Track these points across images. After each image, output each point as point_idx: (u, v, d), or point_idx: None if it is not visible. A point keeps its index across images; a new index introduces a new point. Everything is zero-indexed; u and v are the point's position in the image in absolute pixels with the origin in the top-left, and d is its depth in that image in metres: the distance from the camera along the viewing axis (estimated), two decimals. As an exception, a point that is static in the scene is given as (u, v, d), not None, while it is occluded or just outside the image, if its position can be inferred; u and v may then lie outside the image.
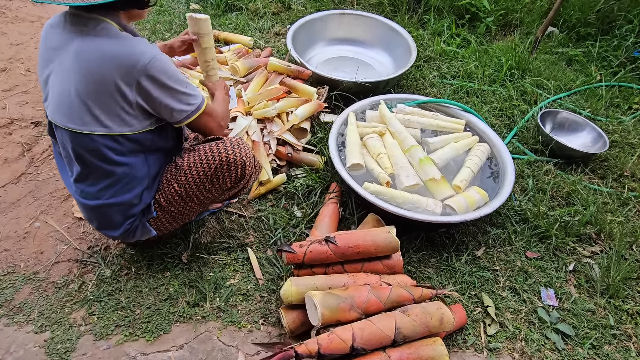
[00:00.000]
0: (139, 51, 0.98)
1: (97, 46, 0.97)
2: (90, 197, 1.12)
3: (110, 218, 1.15)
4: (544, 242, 1.58)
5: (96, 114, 1.00)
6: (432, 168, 1.52)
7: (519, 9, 2.84)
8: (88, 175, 1.09)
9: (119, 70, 0.97)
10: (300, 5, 2.90)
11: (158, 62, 0.99)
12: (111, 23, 1.02)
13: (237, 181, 1.27)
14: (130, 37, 1.01)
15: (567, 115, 2.03)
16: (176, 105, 1.06)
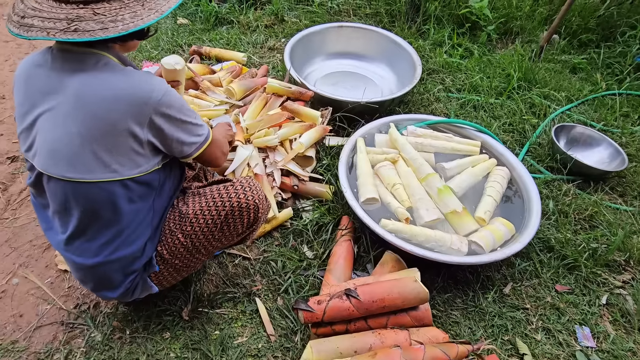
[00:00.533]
0: (149, 87, 0.89)
1: (103, 85, 0.87)
2: (87, 254, 0.97)
3: (109, 277, 1.00)
4: (573, 273, 1.48)
5: (104, 159, 0.88)
6: (452, 199, 1.40)
7: (519, 17, 2.76)
8: (87, 229, 0.95)
9: (130, 109, 0.87)
10: (294, 17, 2.77)
11: (169, 96, 0.92)
12: (111, 58, 0.91)
13: (250, 226, 1.15)
14: (136, 72, 0.92)
15: (582, 130, 1.94)
16: (187, 138, 0.98)
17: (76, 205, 0.91)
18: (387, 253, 1.35)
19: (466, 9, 2.66)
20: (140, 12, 0.85)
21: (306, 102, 1.88)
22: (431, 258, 1.21)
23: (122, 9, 0.85)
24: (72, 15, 0.81)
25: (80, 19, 0.81)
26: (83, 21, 0.81)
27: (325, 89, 2.15)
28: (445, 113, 2.13)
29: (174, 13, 2.84)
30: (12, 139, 1.87)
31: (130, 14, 0.84)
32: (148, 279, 1.08)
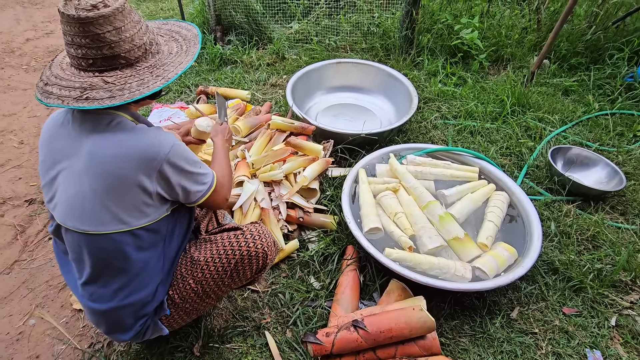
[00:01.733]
0: (157, 142, 0.94)
1: (114, 144, 0.92)
2: (102, 299, 1.01)
3: (121, 320, 1.03)
4: (579, 295, 1.48)
5: (115, 212, 0.92)
6: (454, 225, 1.44)
7: (509, 44, 2.89)
8: (100, 276, 0.99)
9: (140, 165, 0.92)
10: (294, 55, 2.93)
11: (177, 149, 0.96)
12: (125, 116, 0.97)
13: (259, 272, 1.18)
14: (146, 129, 0.96)
15: (579, 151, 1.99)
16: (192, 187, 1.02)
17: (89, 254, 0.96)
18: (392, 281, 1.38)
19: (458, 40, 2.79)
20: (147, 79, 0.92)
21: (309, 136, 1.97)
22: (435, 286, 1.23)
23: (132, 76, 0.91)
24: (86, 84, 0.88)
25: (92, 88, 0.88)
26: (94, 90, 0.88)
27: (327, 122, 2.25)
28: (443, 140, 2.20)
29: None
30: (29, 182, 1.96)
31: (137, 81, 0.91)
32: (159, 322, 1.10)
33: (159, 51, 0.99)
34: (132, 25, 0.91)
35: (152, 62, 0.96)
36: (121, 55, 0.90)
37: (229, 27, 3.10)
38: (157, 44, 1.00)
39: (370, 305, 1.39)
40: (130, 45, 0.91)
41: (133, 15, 0.92)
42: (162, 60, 0.97)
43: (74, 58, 0.90)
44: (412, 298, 1.28)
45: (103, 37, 0.87)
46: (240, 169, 1.70)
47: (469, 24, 2.81)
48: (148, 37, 0.96)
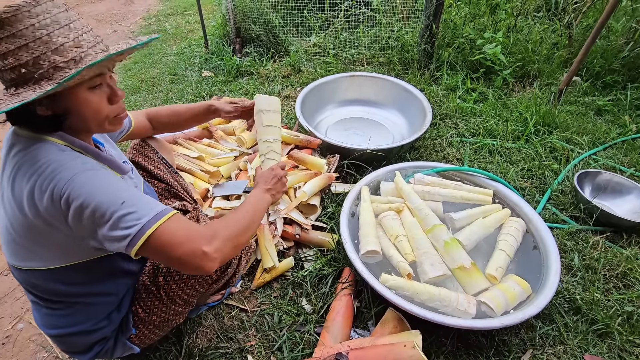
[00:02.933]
0: (58, 175, 0.75)
1: (24, 173, 0.77)
2: (48, 326, 0.96)
3: (74, 344, 0.98)
4: (605, 340, 1.30)
5: (33, 249, 0.82)
6: (460, 253, 1.32)
7: (536, 60, 2.73)
8: (40, 306, 0.94)
9: (40, 197, 0.75)
10: (310, 68, 2.91)
11: (77, 183, 0.75)
12: (54, 141, 0.81)
13: (224, 270, 1.12)
14: (58, 158, 0.77)
15: (610, 177, 1.80)
16: (108, 232, 0.75)
17: (23, 284, 0.91)
18: (389, 311, 1.27)
19: (480, 54, 2.67)
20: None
21: (314, 150, 1.91)
22: (432, 320, 1.11)
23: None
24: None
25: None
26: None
27: (337, 136, 2.19)
28: (458, 158, 2.07)
29: (199, 66, 3.08)
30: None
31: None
32: (127, 342, 1.04)
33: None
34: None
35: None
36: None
37: (247, 39, 3.14)
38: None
39: (364, 334, 1.28)
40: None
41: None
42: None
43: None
44: (408, 332, 1.16)
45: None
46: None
47: (493, 38, 2.68)
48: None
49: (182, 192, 1.37)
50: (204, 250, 0.78)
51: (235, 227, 0.89)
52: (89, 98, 0.81)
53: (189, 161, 1.79)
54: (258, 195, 1.08)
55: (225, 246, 0.83)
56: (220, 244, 0.81)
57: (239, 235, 0.89)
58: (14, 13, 0.72)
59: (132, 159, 1.32)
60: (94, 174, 0.77)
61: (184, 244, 0.77)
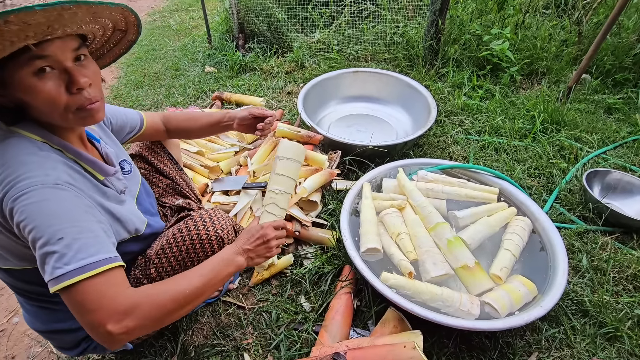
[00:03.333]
0: (15, 183, 0.68)
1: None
2: (31, 322, 0.95)
3: (61, 340, 0.97)
4: (614, 344, 1.25)
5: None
6: (463, 252, 1.28)
7: (544, 57, 2.67)
8: (25, 302, 0.92)
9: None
10: (313, 64, 2.87)
11: (27, 198, 0.67)
12: (29, 136, 0.75)
13: None
14: (25, 161, 0.70)
15: (620, 176, 1.75)
16: (37, 259, 0.69)
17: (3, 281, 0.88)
18: (389, 310, 1.23)
19: (487, 51, 2.62)
20: None
21: (316, 146, 1.88)
22: (434, 320, 1.07)
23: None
24: None
25: None
26: None
27: (338, 133, 2.15)
28: (463, 156, 2.03)
29: (202, 62, 3.06)
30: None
31: None
32: None
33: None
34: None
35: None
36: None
37: (251, 35, 3.11)
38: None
39: (364, 334, 1.25)
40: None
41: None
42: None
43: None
44: (409, 332, 1.13)
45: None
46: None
47: (500, 34, 2.63)
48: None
49: (186, 190, 1.34)
50: (107, 329, 0.67)
51: (170, 299, 0.74)
52: (35, 85, 0.69)
53: (189, 156, 1.77)
54: (227, 257, 0.90)
55: (142, 325, 0.70)
56: (133, 324, 0.69)
57: (172, 310, 0.75)
58: None
59: (139, 152, 1.29)
60: (51, 193, 0.68)
61: (89, 312, 0.67)
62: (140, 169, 1.29)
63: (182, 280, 0.79)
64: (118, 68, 3.19)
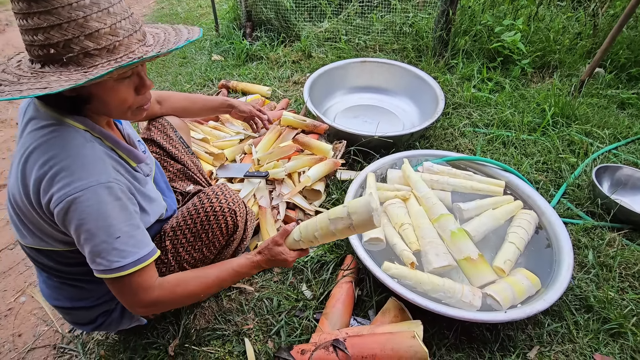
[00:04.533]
0: (70, 179, 0.73)
1: (37, 157, 0.75)
2: (53, 298, 0.98)
3: (78, 317, 1.00)
4: (617, 341, 1.24)
5: (33, 231, 0.83)
6: (467, 244, 1.27)
7: (557, 50, 2.61)
8: (47, 278, 0.96)
9: (46, 189, 0.74)
10: (321, 54, 2.84)
11: (84, 199, 0.73)
12: (76, 125, 0.78)
13: (230, 234, 1.10)
14: (79, 153, 0.75)
15: (631, 172, 1.71)
16: (89, 253, 0.77)
17: (29, 256, 0.92)
18: (390, 300, 1.23)
19: (498, 42, 2.57)
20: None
21: (321, 135, 1.87)
22: (434, 310, 1.07)
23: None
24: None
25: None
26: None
27: (344, 123, 2.13)
28: (470, 149, 2.00)
29: (209, 50, 3.05)
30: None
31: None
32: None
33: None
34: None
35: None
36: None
37: (258, 23, 3.09)
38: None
39: (364, 323, 1.25)
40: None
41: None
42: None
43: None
44: (409, 322, 1.13)
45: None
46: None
47: (512, 26, 2.57)
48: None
49: (197, 175, 1.36)
50: (137, 311, 0.86)
51: (187, 297, 0.90)
52: (116, 87, 0.77)
53: (194, 143, 1.77)
54: (245, 270, 0.98)
55: (163, 310, 0.95)
56: (156, 310, 0.90)
57: (188, 302, 0.96)
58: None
59: (151, 136, 1.30)
60: (105, 194, 0.75)
61: (127, 296, 0.83)
62: (152, 152, 1.30)
63: (198, 284, 0.91)
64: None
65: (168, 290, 0.86)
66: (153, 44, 0.78)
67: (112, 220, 0.75)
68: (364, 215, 0.87)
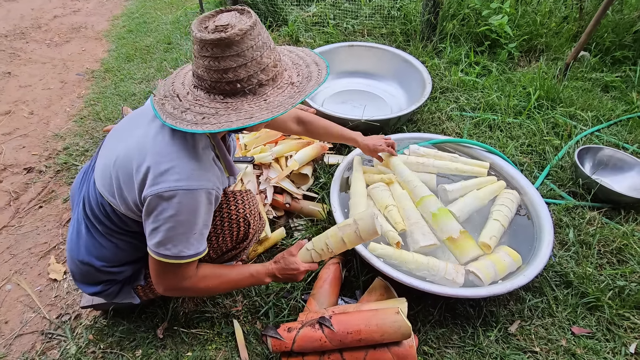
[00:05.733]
0: (177, 177, 0.83)
1: (154, 147, 0.86)
2: (78, 252, 1.02)
3: (87, 275, 1.03)
4: (594, 314, 1.29)
5: (119, 192, 0.92)
6: (449, 223, 1.29)
7: (544, 34, 2.62)
8: (86, 230, 1.01)
9: (154, 178, 0.84)
10: (309, 39, 2.81)
11: (183, 196, 0.84)
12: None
13: (239, 242, 1.13)
14: (194, 160, 0.85)
15: (612, 153, 1.75)
16: (151, 237, 0.88)
17: (86, 204, 0.99)
18: (377, 279, 1.25)
19: (485, 26, 2.56)
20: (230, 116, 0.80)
21: (308, 120, 1.86)
22: (418, 287, 1.09)
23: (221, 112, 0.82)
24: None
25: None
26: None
27: (331, 107, 2.13)
28: (457, 132, 2.02)
29: (195, 36, 2.98)
30: (32, 150, 1.99)
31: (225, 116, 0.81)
32: (132, 290, 1.08)
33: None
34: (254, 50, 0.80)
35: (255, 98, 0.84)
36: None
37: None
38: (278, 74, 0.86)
39: (351, 302, 1.27)
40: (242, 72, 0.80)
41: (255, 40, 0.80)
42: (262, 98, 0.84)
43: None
44: (394, 299, 1.15)
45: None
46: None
47: (500, 9, 2.57)
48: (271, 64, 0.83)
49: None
50: (162, 292, 0.97)
51: (205, 292, 1.01)
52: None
53: (180, 128, 1.75)
54: (259, 276, 1.05)
55: (179, 296, 1.13)
56: (179, 296, 1.07)
57: (201, 295, 1.13)
58: (242, 35, 0.77)
59: None
60: (204, 198, 0.86)
61: (160, 279, 0.93)
62: None
63: (219, 282, 0.99)
64: (109, 41, 3.12)
65: (193, 282, 0.95)
66: (289, 68, 0.91)
67: (198, 219, 0.87)
68: (368, 220, 1.00)
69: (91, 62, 2.82)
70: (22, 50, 2.92)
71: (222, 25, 0.78)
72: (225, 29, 0.77)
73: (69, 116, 2.24)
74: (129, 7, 3.74)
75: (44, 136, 2.08)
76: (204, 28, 0.80)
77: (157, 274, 0.92)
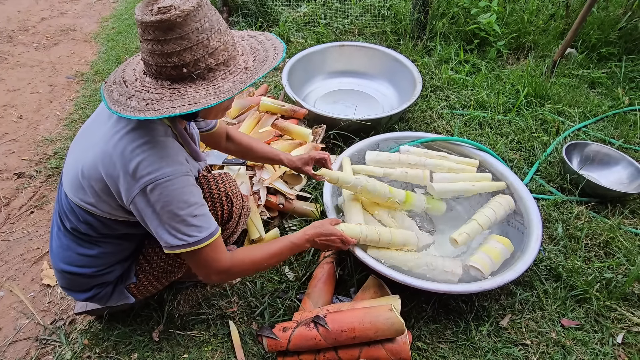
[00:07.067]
0: (159, 166, 0.82)
1: (133, 140, 0.83)
2: (62, 259, 1.01)
3: (76, 283, 1.02)
4: (583, 306, 1.32)
5: (91, 193, 0.90)
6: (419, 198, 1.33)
7: (532, 31, 2.66)
8: (65, 236, 0.99)
9: (122, 182, 0.84)
10: (300, 38, 2.81)
11: (162, 189, 0.83)
12: (164, 121, 0.88)
13: (224, 223, 1.13)
14: (165, 145, 0.85)
15: (598, 148, 1.79)
16: (167, 238, 0.86)
17: (64, 211, 0.97)
18: (370, 277, 1.27)
19: (474, 24, 2.59)
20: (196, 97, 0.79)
21: (301, 120, 1.87)
22: (411, 284, 1.11)
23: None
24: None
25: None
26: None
27: (324, 108, 2.14)
28: (448, 130, 2.04)
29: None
30: (22, 156, 1.97)
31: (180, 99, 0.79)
32: (125, 290, 1.08)
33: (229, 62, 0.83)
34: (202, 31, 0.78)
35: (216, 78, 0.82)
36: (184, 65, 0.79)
37: (235, 8, 3.02)
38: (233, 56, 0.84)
39: (345, 300, 1.29)
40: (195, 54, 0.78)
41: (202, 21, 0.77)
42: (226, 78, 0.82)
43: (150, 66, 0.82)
44: (387, 297, 1.17)
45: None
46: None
47: (488, 8, 2.60)
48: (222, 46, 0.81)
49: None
50: (212, 279, 0.97)
51: (251, 267, 1.00)
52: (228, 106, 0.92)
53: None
54: (299, 242, 1.07)
55: (233, 278, 1.05)
56: (228, 278, 0.98)
57: (253, 272, 1.05)
58: (185, 17, 0.74)
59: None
60: (185, 181, 0.86)
61: (203, 268, 0.93)
62: None
63: (262, 253, 1.01)
64: (98, 43, 3.09)
65: (238, 259, 0.96)
66: (245, 52, 0.88)
67: (192, 200, 0.86)
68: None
69: (80, 64, 2.79)
70: (9, 53, 2.88)
71: (165, 7, 0.75)
72: (168, 10, 0.75)
73: (59, 120, 2.22)
74: (118, 8, 3.71)
75: (34, 140, 2.06)
76: (148, 10, 0.77)
77: (195, 267, 0.93)
